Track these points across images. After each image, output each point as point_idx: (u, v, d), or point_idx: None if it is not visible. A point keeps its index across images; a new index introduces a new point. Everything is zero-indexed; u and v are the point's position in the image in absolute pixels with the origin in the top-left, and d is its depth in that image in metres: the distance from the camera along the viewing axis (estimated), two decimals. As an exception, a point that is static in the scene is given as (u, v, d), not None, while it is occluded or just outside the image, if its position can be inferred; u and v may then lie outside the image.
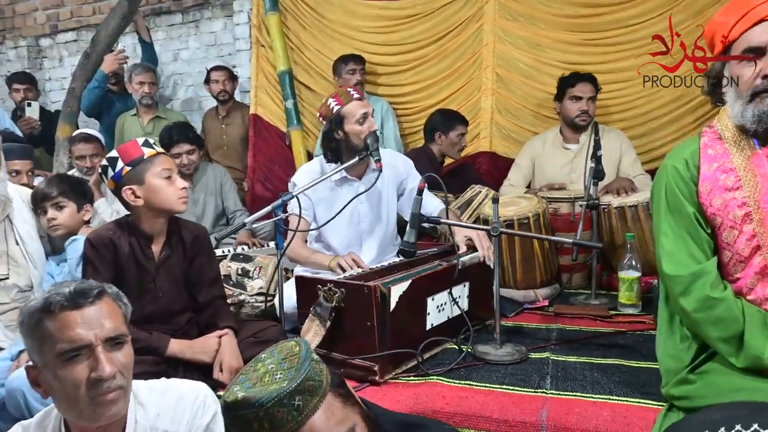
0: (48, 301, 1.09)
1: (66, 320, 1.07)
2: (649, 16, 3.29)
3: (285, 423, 0.85)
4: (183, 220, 1.99)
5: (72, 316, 1.08)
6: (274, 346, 0.99)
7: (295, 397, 0.85)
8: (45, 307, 1.09)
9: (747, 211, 1.34)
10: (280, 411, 0.84)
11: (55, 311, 1.08)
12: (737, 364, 1.31)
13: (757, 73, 1.29)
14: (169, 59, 4.64)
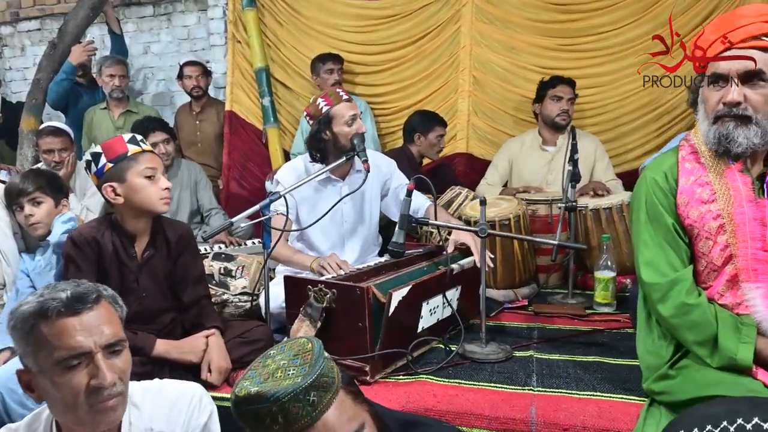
0: (44, 306, 1.05)
1: (64, 327, 1.04)
2: (621, 23, 3.41)
3: (300, 418, 0.85)
4: (167, 218, 1.95)
5: (70, 322, 1.05)
6: (283, 343, 1.00)
7: (310, 392, 0.86)
8: (41, 312, 1.05)
9: (721, 223, 1.42)
10: (295, 406, 0.85)
11: (51, 317, 1.04)
12: (713, 364, 1.39)
13: (719, 99, 1.38)
14: (139, 52, 4.53)
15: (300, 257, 2.29)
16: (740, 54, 1.35)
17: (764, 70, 1.33)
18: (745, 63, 1.34)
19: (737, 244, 1.41)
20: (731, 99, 1.35)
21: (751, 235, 1.39)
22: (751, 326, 1.37)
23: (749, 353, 1.35)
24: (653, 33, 3.35)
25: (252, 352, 1.85)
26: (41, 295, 1.08)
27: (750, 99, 1.35)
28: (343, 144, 2.24)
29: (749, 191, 1.41)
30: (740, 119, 1.36)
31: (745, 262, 1.40)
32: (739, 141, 1.37)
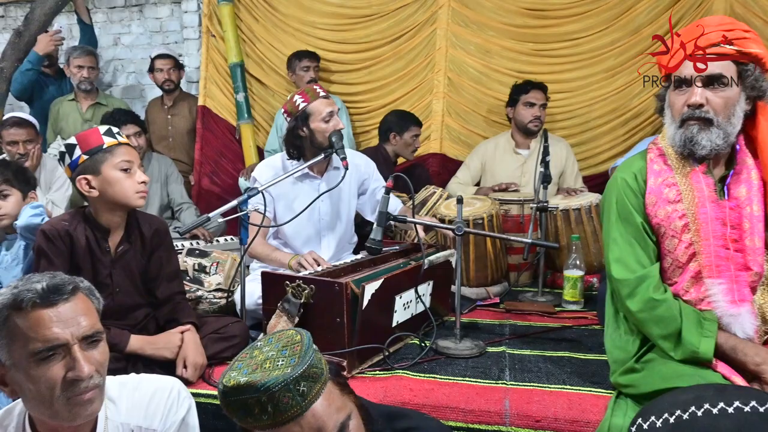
0: (18, 297, 1.03)
1: (40, 318, 1.02)
2: (591, 31, 3.51)
3: (290, 408, 0.86)
4: (142, 213, 1.93)
5: (46, 314, 1.03)
6: (270, 336, 1.00)
7: (301, 383, 0.86)
8: (15, 303, 1.03)
9: (686, 222, 1.49)
10: (286, 396, 0.86)
11: (26, 308, 1.02)
12: (676, 357, 1.46)
13: (684, 101, 1.45)
14: (109, 43, 4.43)
15: (277, 255, 2.28)
16: (703, 58, 1.42)
17: (724, 74, 1.41)
18: (708, 68, 1.41)
19: (700, 242, 1.48)
20: (694, 101, 1.42)
21: (714, 233, 1.47)
22: (713, 321, 1.45)
23: (710, 347, 1.42)
24: (621, 41, 3.49)
25: (228, 348, 1.85)
26: (15, 287, 1.06)
27: (711, 102, 1.42)
28: (320, 141, 2.25)
29: (712, 192, 1.49)
30: (703, 122, 1.43)
31: (708, 259, 1.47)
32: (702, 144, 1.44)
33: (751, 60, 1.42)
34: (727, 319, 1.45)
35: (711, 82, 1.42)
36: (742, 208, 1.47)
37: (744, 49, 1.40)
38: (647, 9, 3.43)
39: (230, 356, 1.87)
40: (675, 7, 3.40)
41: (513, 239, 2.09)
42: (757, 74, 1.42)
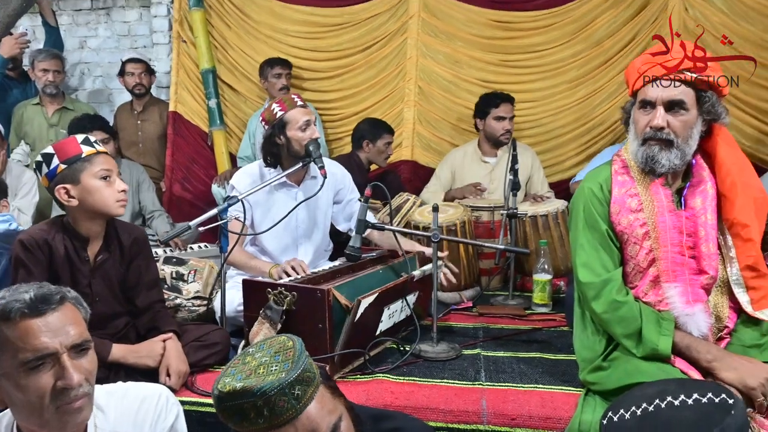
0: (6, 307, 1.04)
1: (29, 328, 1.03)
2: (555, 43, 3.66)
3: (285, 411, 0.89)
4: (120, 221, 1.93)
5: (35, 323, 1.04)
6: (261, 342, 1.04)
7: (295, 386, 0.89)
8: (3, 314, 1.04)
9: (646, 230, 1.61)
10: (281, 399, 0.89)
11: (15, 318, 1.03)
12: (638, 354, 1.57)
13: (647, 122, 1.57)
14: (74, 46, 4.35)
15: (256, 263, 2.31)
16: (666, 84, 1.54)
17: (685, 100, 1.53)
18: (670, 92, 1.53)
19: (659, 249, 1.60)
20: (656, 124, 1.54)
21: (671, 241, 1.59)
22: (670, 321, 1.56)
23: (668, 344, 1.53)
24: (583, 54, 3.65)
25: (210, 355, 1.87)
26: (2, 298, 1.07)
27: (672, 125, 1.54)
28: (296, 149, 2.29)
29: (670, 203, 1.60)
30: (664, 143, 1.55)
31: (666, 264, 1.59)
32: (662, 162, 1.56)
33: (710, 87, 1.54)
34: (683, 318, 1.57)
35: (672, 106, 1.53)
36: (697, 217, 1.60)
37: (704, 77, 1.52)
38: (607, 23, 3.60)
39: (212, 363, 1.90)
40: (631, 22, 3.59)
41: (487, 245, 2.19)
42: (714, 100, 1.55)
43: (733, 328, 1.61)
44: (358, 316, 1.74)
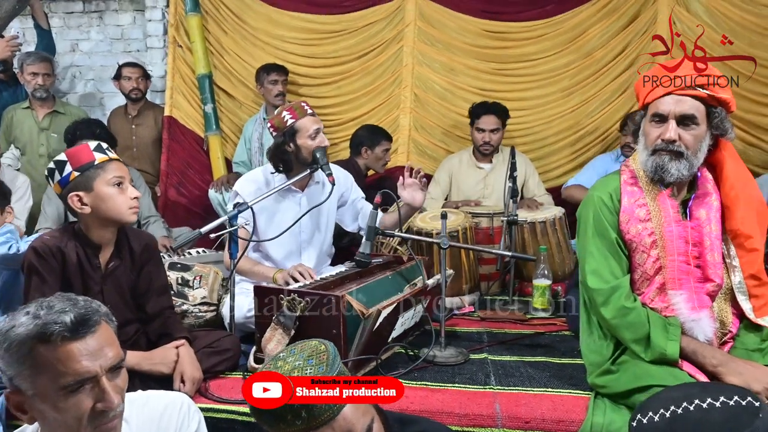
0: (46, 330, 1.02)
1: (70, 352, 1.02)
2: (548, 53, 3.75)
3: (323, 412, 0.91)
4: (131, 228, 1.93)
5: (75, 348, 1.03)
6: (291, 347, 1.05)
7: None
8: (42, 335, 1.02)
9: (654, 239, 1.66)
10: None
11: (55, 341, 1.02)
12: (646, 358, 1.62)
13: (658, 135, 1.62)
14: (65, 50, 4.30)
15: (261, 269, 2.32)
16: (679, 99, 1.60)
17: (696, 115, 1.59)
18: (682, 107, 1.59)
19: (666, 258, 1.65)
20: (669, 137, 1.59)
21: (677, 250, 1.64)
22: (677, 326, 1.62)
23: (676, 349, 1.59)
24: (575, 64, 3.74)
25: (221, 362, 1.88)
26: (37, 317, 1.05)
27: (683, 138, 1.59)
28: (304, 156, 2.31)
29: (676, 213, 1.66)
30: (674, 154, 1.60)
31: (672, 272, 1.65)
32: (672, 172, 1.61)
33: (720, 104, 1.60)
34: (689, 324, 1.62)
35: (683, 120, 1.59)
36: (702, 227, 1.66)
37: (716, 94, 1.58)
38: (599, 34, 3.70)
39: (223, 370, 1.90)
40: (622, 34, 3.69)
41: (495, 252, 2.22)
42: (723, 116, 1.61)
43: (736, 333, 1.68)
44: (377, 324, 1.77)
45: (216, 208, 3.53)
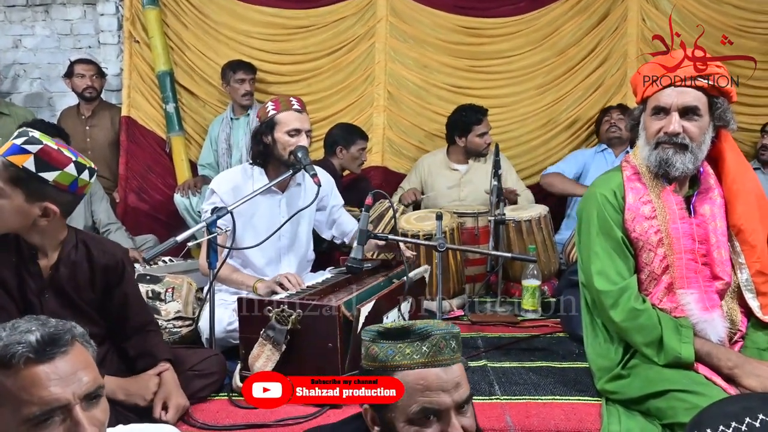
0: (7, 352, 0.87)
1: (35, 377, 0.87)
2: (521, 50, 3.71)
3: (443, 354, 0.97)
4: (98, 237, 1.74)
5: (42, 371, 0.88)
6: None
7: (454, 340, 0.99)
8: (3, 360, 0.87)
9: (660, 237, 1.61)
10: (443, 343, 0.97)
11: (18, 366, 0.87)
12: (659, 362, 1.55)
13: (660, 128, 1.56)
14: (7, 46, 3.96)
15: (239, 276, 2.16)
16: (680, 90, 1.54)
17: (698, 106, 1.54)
18: (685, 99, 1.53)
19: (673, 256, 1.60)
20: (672, 130, 1.53)
21: (685, 248, 1.59)
22: (689, 328, 1.56)
23: (691, 351, 1.53)
24: (549, 61, 3.71)
25: (207, 386, 1.71)
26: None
27: (687, 130, 1.54)
28: (280, 153, 2.17)
29: (681, 210, 1.61)
30: (679, 147, 1.55)
31: (680, 271, 1.59)
32: (677, 166, 1.56)
33: (721, 94, 1.55)
34: (701, 324, 1.57)
35: (686, 112, 1.54)
36: (707, 224, 1.61)
37: (718, 84, 1.53)
38: (571, 32, 3.69)
39: (207, 394, 1.73)
40: (594, 31, 3.69)
41: (494, 253, 2.14)
42: (726, 106, 1.57)
43: (745, 332, 1.64)
44: (360, 326, 1.64)
45: (182, 213, 3.31)
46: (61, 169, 1.45)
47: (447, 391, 0.94)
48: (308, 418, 1.56)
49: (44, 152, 1.43)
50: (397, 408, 0.95)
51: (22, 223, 1.48)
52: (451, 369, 0.97)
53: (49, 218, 1.49)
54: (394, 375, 0.95)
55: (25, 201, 1.45)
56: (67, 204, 1.53)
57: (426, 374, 0.95)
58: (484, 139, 3.21)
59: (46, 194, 1.45)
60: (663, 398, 1.49)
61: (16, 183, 1.43)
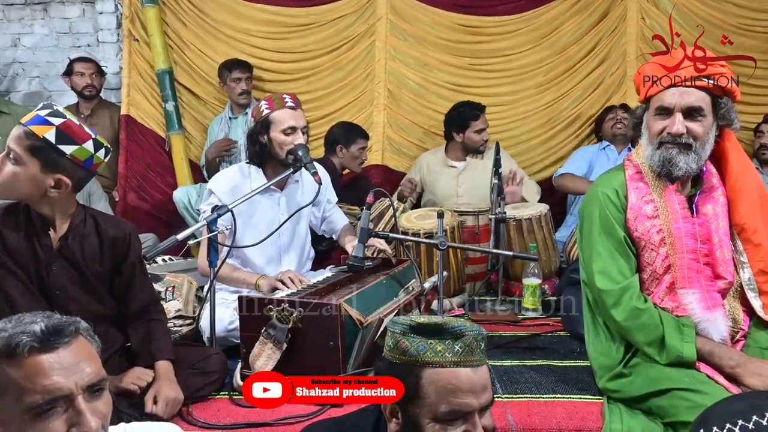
0: (11, 341, 0.88)
1: (38, 366, 0.88)
2: (521, 48, 3.70)
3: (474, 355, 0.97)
4: (104, 214, 1.75)
5: (46, 360, 0.89)
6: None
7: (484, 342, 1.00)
8: (7, 349, 0.88)
9: (662, 237, 1.60)
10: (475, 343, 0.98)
11: (21, 354, 0.88)
12: (661, 361, 1.55)
13: (663, 128, 1.56)
14: (6, 44, 3.95)
15: (241, 274, 2.16)
16: (684, 90, 1.54)
17: (702, 106, 1.53)
18: (688, 99, 1.53)
19: (675, 256, 1.59)
20: (676, 130, 1.53)
21: (687, 248, 1.59)
22: (691, 327, 1.56)
23: (693, 350, 1.53)
24: (549, 59, 3.71)
25: (207, 384, 1.70)
26: (3, 330, 0.91)
27: (692, 129, 1.54)
28: (277, 152, 2.16)
29: (684, 209, 1.61)
30: (683, 146, 1.54)
31: (682, 271, 1.59)
32: (680, 165, 1.55)
33: (725, 93, 1.55)
34: (704, 324, 1.56)
35: (690, 112, 1.53)
36: (710, 223, 1.61)
37: (721, 84, 1.53)
38: (571, 30, 3.68)
39: (208, 393, 1.72)
40: (593, 30, 3.69)
41: (496, 252, 2.14)
42: (730, 106, 1.56)
43: (747, 330, 1.63)
44: (378, 334, 1.63)
45: (181, 211, 3.30)
46: (79, 144, 1.48)
47: (475, 393, 0.95)
48: (309, 417, 1.56)
49: (66, 126, 1.47)
50: (425, 405, 0.95)
51: (33, 192, 1.50)
52: (480, 370, 0.97)
53: (61, 190, 1.50)
54: (424, 371, 0.96)
55: (40, 171, 1.47)
56: (79, 179, 1.55)
57: (458, 374, 0.95)
58: (482, 135, 3.21)
59: (61, 166, 1.48)
60: (665, 397, 1.49)
61: (33, 152, 1.45)
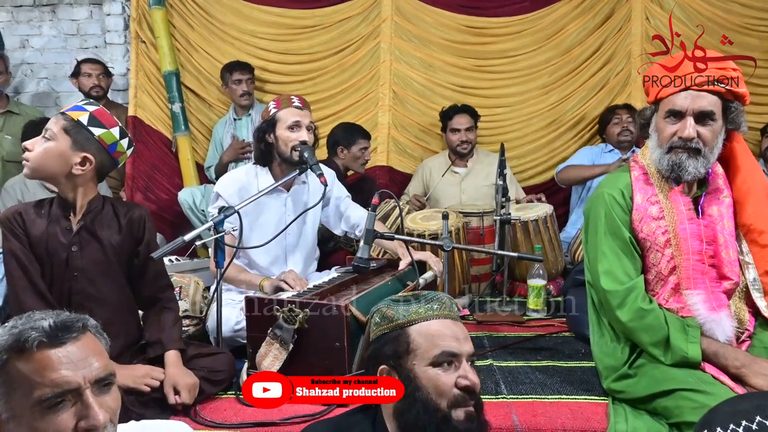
0: (21, 337, 0.90)
1: (47, 360, 0.90)
2: (526, 49, 3.71)
3: (454, 312, 1.18)
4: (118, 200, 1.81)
5: (54, 354, 0.91)
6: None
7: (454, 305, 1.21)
8: (17, 345, 0.90)
9: (668, 238, 1.61)
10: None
11: (31, 349, 0.90)
12: (666, 362, 1.56)
13: (674, 132, 1.56)
14: (14, 45, 3.98)
15: (246, 276, 2.17)
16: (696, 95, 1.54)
17: (714, 111, 1.54)
18: (701, 104, 1.53)
19: (680, 257, 1.60)
20: (687, 135, 1.53)
21: (692, 249, 1.59)
22: (696, 327, 1.56)
23: (698, 351, 1.53)
24: (554, 60, 3.71)
25: (214, 384, 1.72)
26: (14, 327, 0.93)
27: (702, 135, 1.54)
28: (282, 149, 2.18)
29: (689, 211, 1.61)
30: (692, 151, 1.55)
31: (687, 272, 1.60)
32: (689, 170, 1.56)
33: (736, 97, 1.55)
34: (709, 324, 1.57)
35: (702, 117, 1.54)
36: (715, 224, 1.61)
37: (734, 89, 1.53)
38: (576, 31, 3.69)
39: (216, 392, 1.74)
40: (598, 31, 3.69)
41: (500, 253, 2.14)
42: (740, 110, 1.57)
43: (753, 331, 1.64)
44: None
45: (187, 212, 3.32)
46: (107, 129, 1.66)
47: (459, 340, 1.11)
48: (316, 417, 1.57)
49: (99, 113, 1.66)
50: (418, 356, 1.09)
51: (61, 169, 1.62)
52: (459, 324, 1.15)
53: (85, 168, 1.62)
54: (412, 327, 1.10)
55: (69, 147, 1.61)
56: (103, 163, 1.67)
57: (442, 323, 1.12)
58: (457, 135, 3.24)
59: (88, 146, 1.63)
60: (670, 397, 1.49)
61: (67, 130, 1.62)
